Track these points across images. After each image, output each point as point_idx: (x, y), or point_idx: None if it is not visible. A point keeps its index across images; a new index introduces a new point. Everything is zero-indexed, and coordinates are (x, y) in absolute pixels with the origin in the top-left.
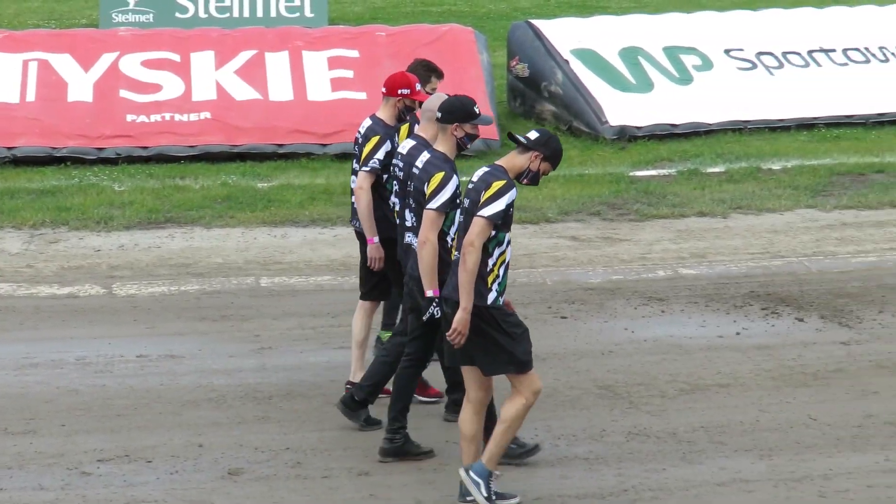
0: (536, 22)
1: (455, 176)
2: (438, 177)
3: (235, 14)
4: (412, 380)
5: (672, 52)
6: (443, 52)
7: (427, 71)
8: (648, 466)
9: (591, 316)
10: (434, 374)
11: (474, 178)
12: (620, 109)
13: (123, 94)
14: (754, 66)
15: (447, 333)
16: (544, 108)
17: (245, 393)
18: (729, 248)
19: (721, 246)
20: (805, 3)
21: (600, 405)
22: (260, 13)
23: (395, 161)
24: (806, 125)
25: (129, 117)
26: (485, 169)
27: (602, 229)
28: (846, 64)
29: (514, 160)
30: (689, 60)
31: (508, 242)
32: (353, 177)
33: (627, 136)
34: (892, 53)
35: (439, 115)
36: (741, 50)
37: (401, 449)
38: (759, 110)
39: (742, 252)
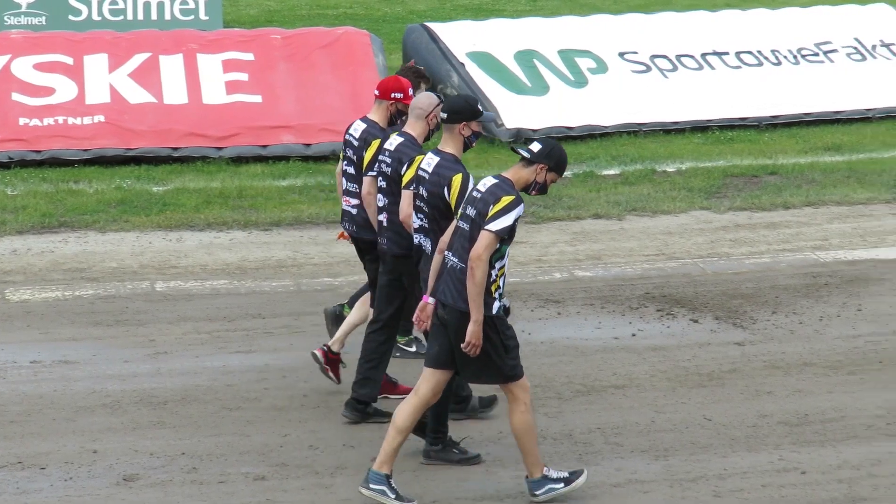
0: (432, 25)
1: (471, 176)
2: (458, 179)
3: (129, 17)
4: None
5: (567, 55)
6: (338, 55)
7: (417, 77)
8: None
9: None
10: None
11: (481, 189)
12: (516, 112)
13: (16, 97)
14: (648, 68)
15: (462, 346)
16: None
17: (140, 398)
18: (624, 250)
19: (616, 248)
20: (699, 7)
21: (497, 407)
22: (154, 16)
23: (381, 157)
24: (700, 127)
25: (22, 121)
26: (492, 180)
27: None
28: (739, 67)
29: (519, 173)
30: (584, 63)
31: (507, 253)
32: (342, 178)
33: (523, 139)
34: (784, 56)
35: (445, 115)
36: (635, 53)
37: (441, 453)
38: (654, 113)
39: (637, 254)
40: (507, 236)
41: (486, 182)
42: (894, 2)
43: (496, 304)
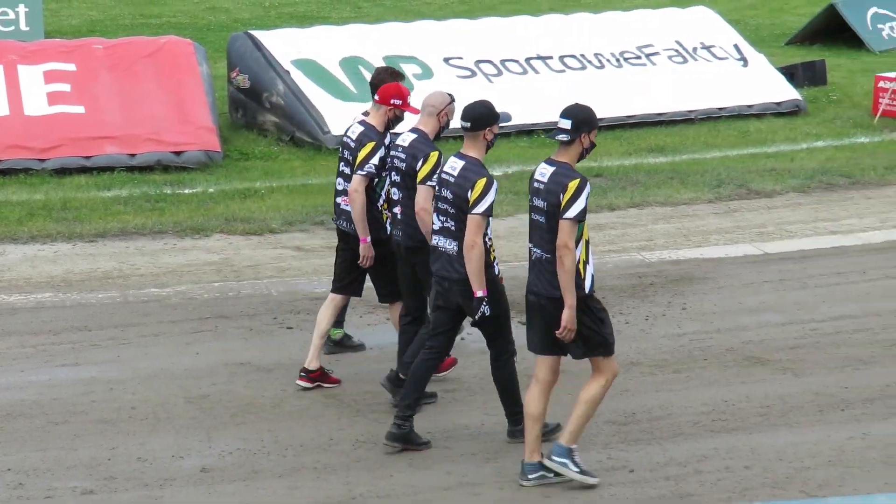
0: (256, 33)
1: (495, 181)
2: (482, 183)
3: None
4: (430, 371)
5: (393, 61)
6: (162, 64)
7: (393, 77)
8: (376, 473)
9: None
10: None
11: (542, 179)
12: (343, 119)
13: None
14: (474, 73)
15: (557, 332)
16: (266, 119)
17: None
18: None
19: None
20: (523, 12)
21: (328, 414)
22: None
23: (395, 153)
24: (525, 131)
25: None
26: (550, 168)
27: (326, 238)
28: (563, 71)
29: (570, 153)
30: (410, 69)
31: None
32: (338, 178)
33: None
34: (607, 60)
35: (468, 124)
36: (460, 58)
37: (407, 436)
38: None
39: None
40: (584, 218)
41: (545, 171)
42: (713, 4)
43: (587, 283)
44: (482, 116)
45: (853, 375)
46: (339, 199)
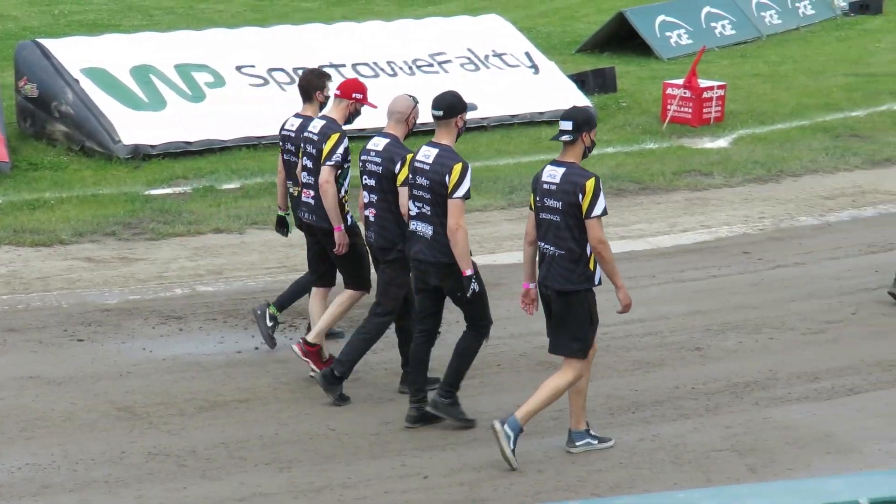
0: (44, 41)
1: (469, 165)
2: (458, 168)
3: None
4: (427, 353)
5: (184, 70)
6: None
7: (320, 77)
8: (169, 486)
9: (109, 337)
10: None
11: (553, 180)
12: (134, 128)
13: None
14: (266, 81)
15: (618, 311)
16: (55, 129)
17: None
18: (246, 264)
19: (238, 262)
20: (316, 20)
21: (119, 427)
22: None
23: (368, 158)
24: None
25: None
26: (560, 169)
27: (118, 249)
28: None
29: (574, 152)
30: (202, 77)
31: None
32: (303, 172)
33: (142, 155)
34: (400, 68)
35: (440, 113)
36: (252, 66)
37: (424, 415)
38: (273, 126)
39: (259, 267)
40: (607, 213)
41: (554, 172)
42: (505, 12)
43: (597, 276)
44: (453, 105)
45: (643, 378)
46: (303, 191)
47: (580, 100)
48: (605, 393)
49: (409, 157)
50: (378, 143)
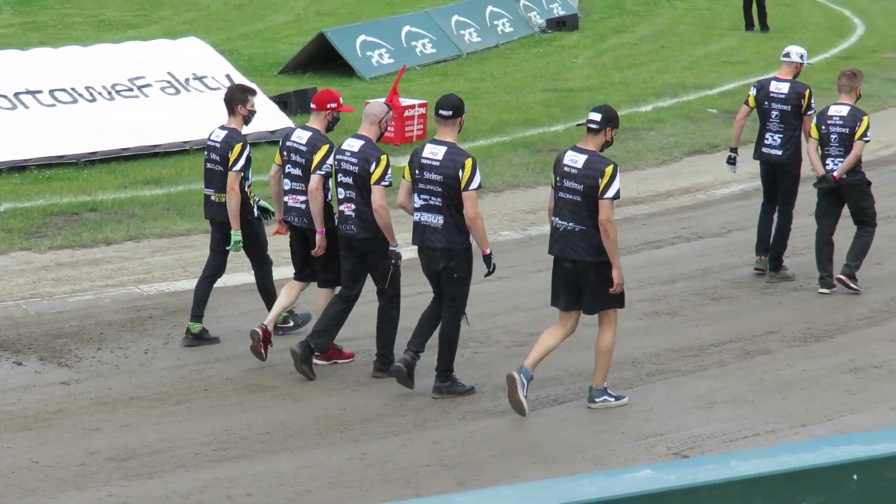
0: None
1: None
2: (469, 163)
3: None
4: (456, 331)
5: None
6: None
7: (243, 92)
8: None
9: None
10: None
11: (575, 164)
12: None
13: None
14: None
15: (611, 289)
16: None
17: None
18: None
19: None
20: (10, 46)
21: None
22: None
23: (343, 158)
24: (18, 168)
25: None
26: (582, 156)
27: None
28: (54, 105)
29: (596, 141)
30: None
31: None
32: (285, 180)
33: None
34: (99, 93)
35: (449, 112)
36: None
37: (451, 388)
38: None
39: None
40: (619, 196)
41: (576, 158)
42: (205, 35)
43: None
44: (459, 106)
45: (351, 397)
46: (287, 198)
47: (283, 121)
48: (314, 413)
49: (384, 157)
50: (353, 145)
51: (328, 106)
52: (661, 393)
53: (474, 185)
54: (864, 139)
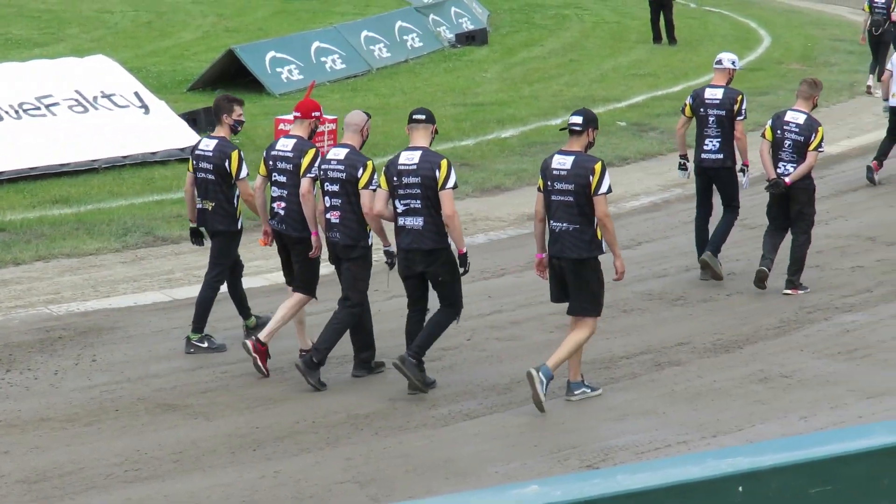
0: None
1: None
2: (444, 163)
3: None
4: (421, 325)
5: None
6: None
7: (228, 102)
8: None
9: None
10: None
11: (564, 166)
12: None
13: None
14: None
15: (614, 278)
16: None
17: None
18: None
19: None
20: None
21: None
22: None
23: (332, 166)
24: None
25: None
26: (569, 157)
27: None
28: None
29: (581, 142)
30: None
31: None
32: (273, 187)
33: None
34: (6, 112)
35: (422, 116)
36: None
37: (416, 368)
38: None
39: None
40: (611, 191)
41: (564, 160)
42: (113, 53)
43: (603, 246)
44: (431, 114)
45: (264, 415)
46: (273, 205)
47: (192, 138)
48: (226, 432)
49: (370, 163)
50: (338, 153)
51: (313, 114)
52: (574, 406)
53: (450, 183)
54: (819, 150)
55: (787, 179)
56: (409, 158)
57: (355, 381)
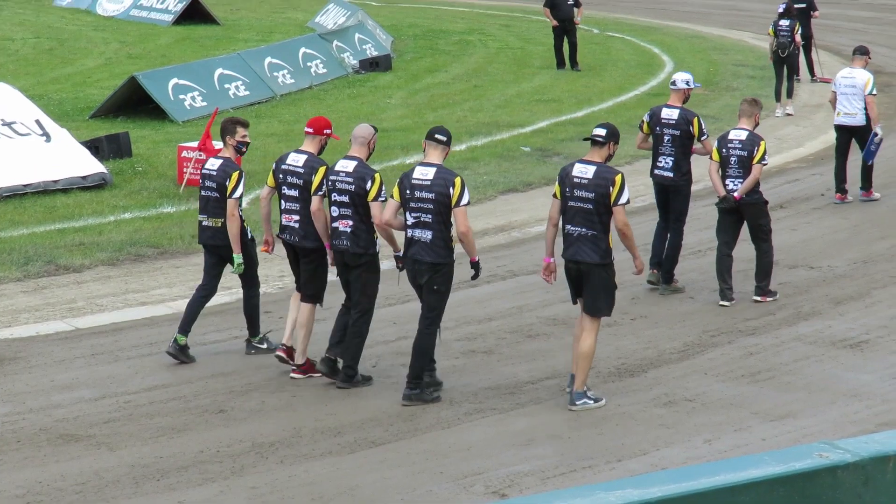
0: None
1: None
2: (459, 181)
3: None
4: (433, 339)
5: None
6: None
7: (233, 124)
8: None
9: None
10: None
11: (586, 175)
12: None
13: None
14: None
15: (634, 273)
16: None
17: None
18: None
19: None
20: None
21: None
22: None
23: (340, 178)
24: None
25: None
26: (591, 167)
27: None
28: None
29: (602, 154)
30: None
31: None
32: (281, 201)
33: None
34: None
35: (444, 138)
36: None
37: (419, 395)
38: None
39: None
40: (629, 202)
41: (585, 169)
42: (14, 80)
43: (614, 252)
44: (449, 133)
45: (167, 444)
46: (283, 217)
47: (95, 166)
48: (129, 462)
49: (377, 176)
50: (347, 165)
51: (324, 132)
52: (479, 431)
53: (464, 201)
54: (763, 163)
55: (735, 194)
56: (423, 174)
57: (260, 409)
